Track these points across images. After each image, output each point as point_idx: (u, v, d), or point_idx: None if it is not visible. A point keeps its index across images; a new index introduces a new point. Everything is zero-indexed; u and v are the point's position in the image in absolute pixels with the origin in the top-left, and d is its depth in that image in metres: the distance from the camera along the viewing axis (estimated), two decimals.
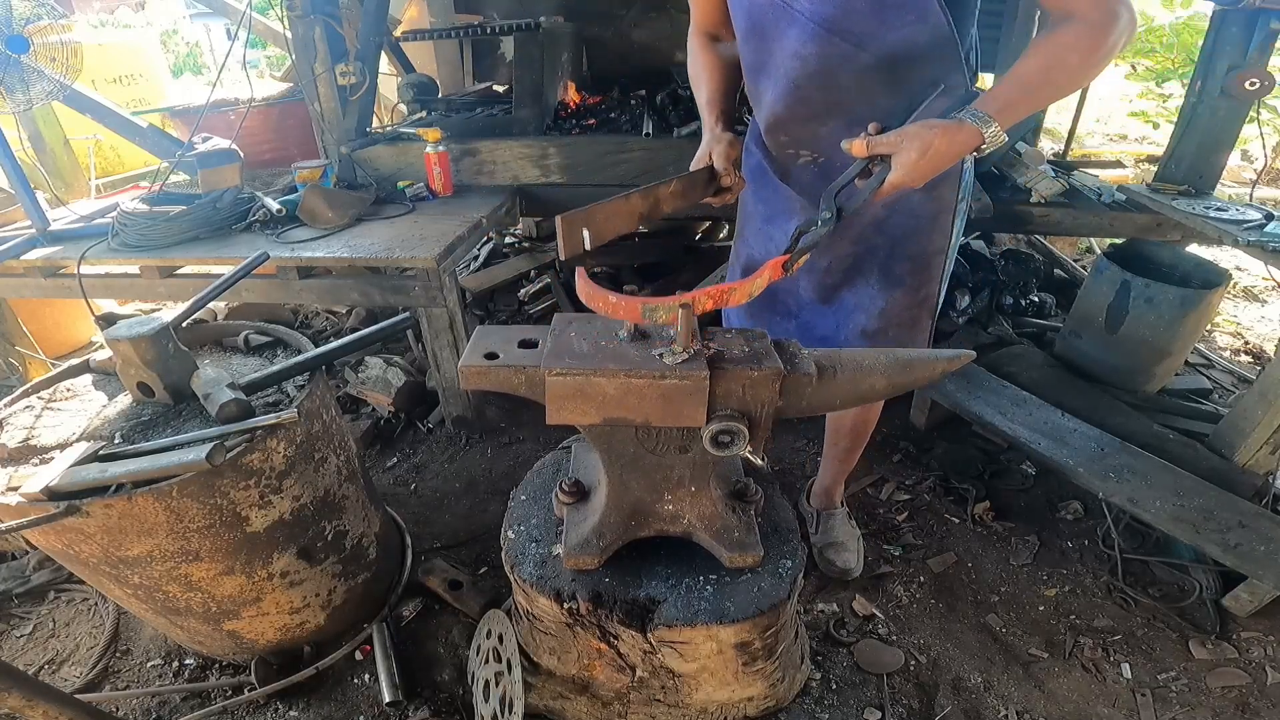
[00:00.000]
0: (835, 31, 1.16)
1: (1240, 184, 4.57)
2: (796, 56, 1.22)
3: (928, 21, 1.10)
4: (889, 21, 1.12)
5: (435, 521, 2.12)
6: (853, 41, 1.16)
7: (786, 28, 1.21)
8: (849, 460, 1.91)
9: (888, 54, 1.15)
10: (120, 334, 1.34)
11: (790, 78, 1.25)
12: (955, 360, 1.06)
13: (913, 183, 1.04)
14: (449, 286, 2.17)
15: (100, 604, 1.84)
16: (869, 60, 1.17)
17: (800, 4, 1.16)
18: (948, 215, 1.37)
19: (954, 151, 1.03)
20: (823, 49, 1.18)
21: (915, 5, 1.10)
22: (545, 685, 1.39)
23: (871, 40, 1.14)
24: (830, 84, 1.22)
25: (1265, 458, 1.95)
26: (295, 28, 2.63)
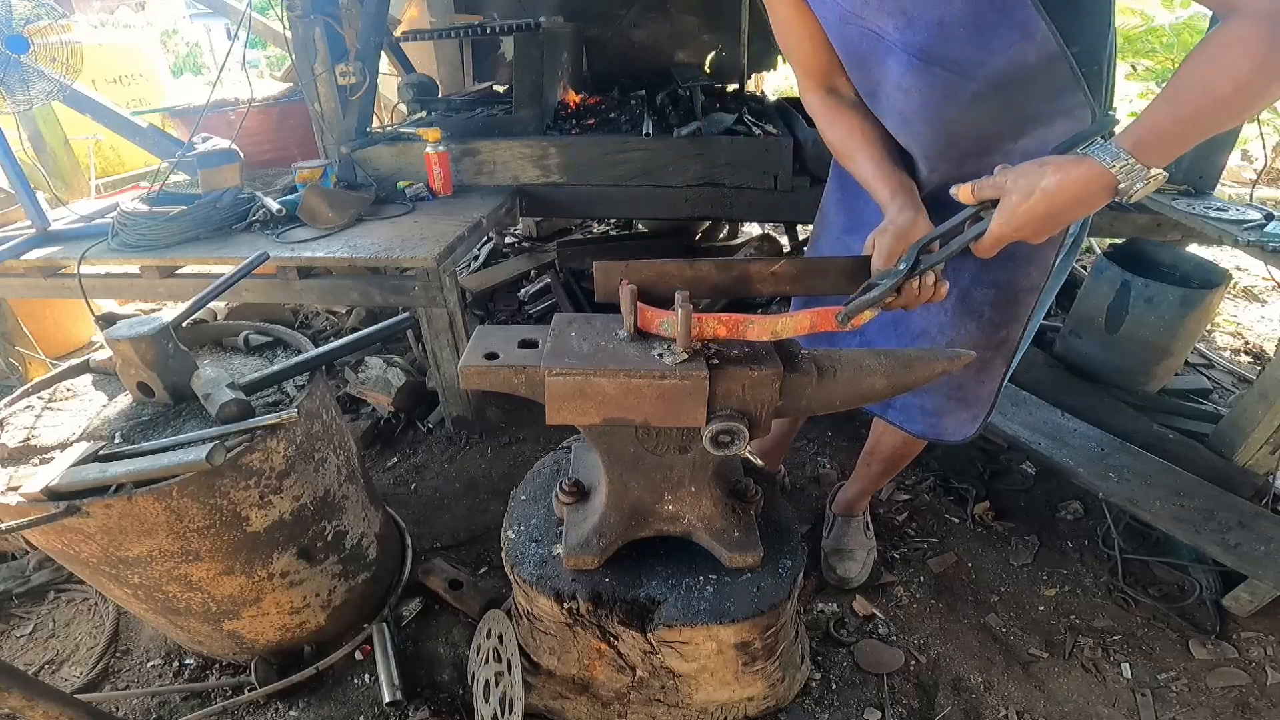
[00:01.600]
0: (933, 61, 1.02)
1: (1240, 184, 4.57)
2: (899, 89, 1.09)
3: (1033, 38, 0.94)
4: (990, 44, 0.97)
5: (435, 521, 2.12)
6: (954, 70, 1.01)
7: (885, 57, 1.08)
8: (879, 482, 1.88)
9: (994, 78, 1.00)
10: (120, 334, 1.34)
11: (898, 111, 1.13)
12: (955, 360, 1.06)
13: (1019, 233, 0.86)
14: (449, 286, 2.17)
15: (100, 604, 1.84)
16: (978, 89, 1.02)
17: (890, 33, 1.04)
18: (1051, 248, 1.15)
19: (1072, 193, 0.82)
20: (923, 81, 1.05)
21: (1019, 24, 0.94)
22: (545, 685, 1.39)
23: (975, 66, 1.00)
24: (939, 119, 1.08)
25: (1265, 458, 1.95)
26: (295, 28, 2.63)
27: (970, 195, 0.91)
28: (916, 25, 1.00)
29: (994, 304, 1.24)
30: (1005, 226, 0.86)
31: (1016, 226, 0.85)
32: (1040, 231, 0.86)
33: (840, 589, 1.82)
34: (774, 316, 0.98)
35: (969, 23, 0.96)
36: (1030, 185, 0.83)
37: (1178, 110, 0.81)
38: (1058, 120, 1.02)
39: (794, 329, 0.98)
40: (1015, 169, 0.86)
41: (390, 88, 4.18)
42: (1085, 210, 0.84)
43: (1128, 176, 0.79)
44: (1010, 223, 0.85)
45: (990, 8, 0.94)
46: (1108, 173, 0.80)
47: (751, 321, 0.97)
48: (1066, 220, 0.84)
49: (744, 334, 0.98)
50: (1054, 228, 0.86)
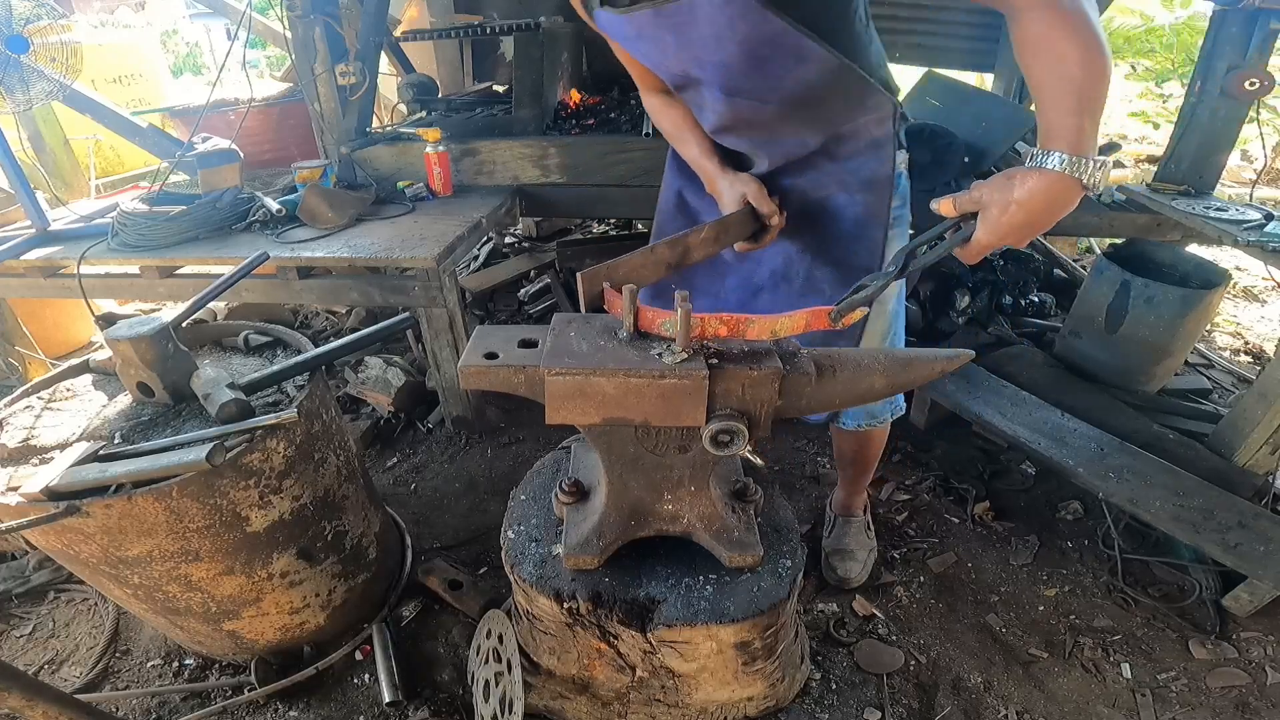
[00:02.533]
0: (734, 93, 1.18)
1: (1240, 184, 4.57)
2: (714, 111, 1.25)
3: (810, 62, 1.08)
4: (773, 74, 1.11)
5: (435, 521, 2.12)
6: (754, 98, 1.18)
7: (699, 89, 1.23)
8: (859, 483, 1.90)
9: (788, 99, 1.16)
10: (120, 334, 1.34)
11: (719, 125, 1.29)
12: (955, 360, 1.06)
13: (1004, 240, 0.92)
14: (449, 286, 2.17)
15: (100, 604, 1.84)
16: (777, 109, 1.18)
17: (694, 74, 1.19)
18: (878, 229, 1.29)
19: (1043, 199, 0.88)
20: (730, 106, 1.21)
21: (791, 52, 1.07)
22: (545, 685, 1.39)
23: (770, 94, 1.16)
24: (754, 128, 1.26)
25: (1265, 458, 1.95)
26: (295, 28, 2.63)
27: (951, 209, 0.97)
28: (708, 69, 1.15)
29: (831, 282, 1.35)
30: (991, 236, 0.91)
31: (1001, 235, 0.91)
32: (1023, 236, 0.92)
33: (841, 589, 1.82)
34: (774, 316, 0.99)
35: (747, 61, 1.10)
36: (1005, 199, 0.89)
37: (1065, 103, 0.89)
38: (868, 118, 1.19)
39: (791, 329, 1.00)
40: (987, 184, 0.93)
41: (390, 88, 4.18)
42: (1062, 210, 0.90)
43: (1081, 170, 0.86)
44: (995, 233, 0.91)
45: (763, 44, 1.07)
46: (1063, 175, 0.87)
47: (752, 321, 0.99)
48: (1047, 223, 0.91)
49: (744, 333, 0.99)
50: (1036, 231, 0.92)
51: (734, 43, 1.07)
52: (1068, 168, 0.86)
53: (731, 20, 1.04)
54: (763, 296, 1.45)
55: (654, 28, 1.13)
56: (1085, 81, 0.88)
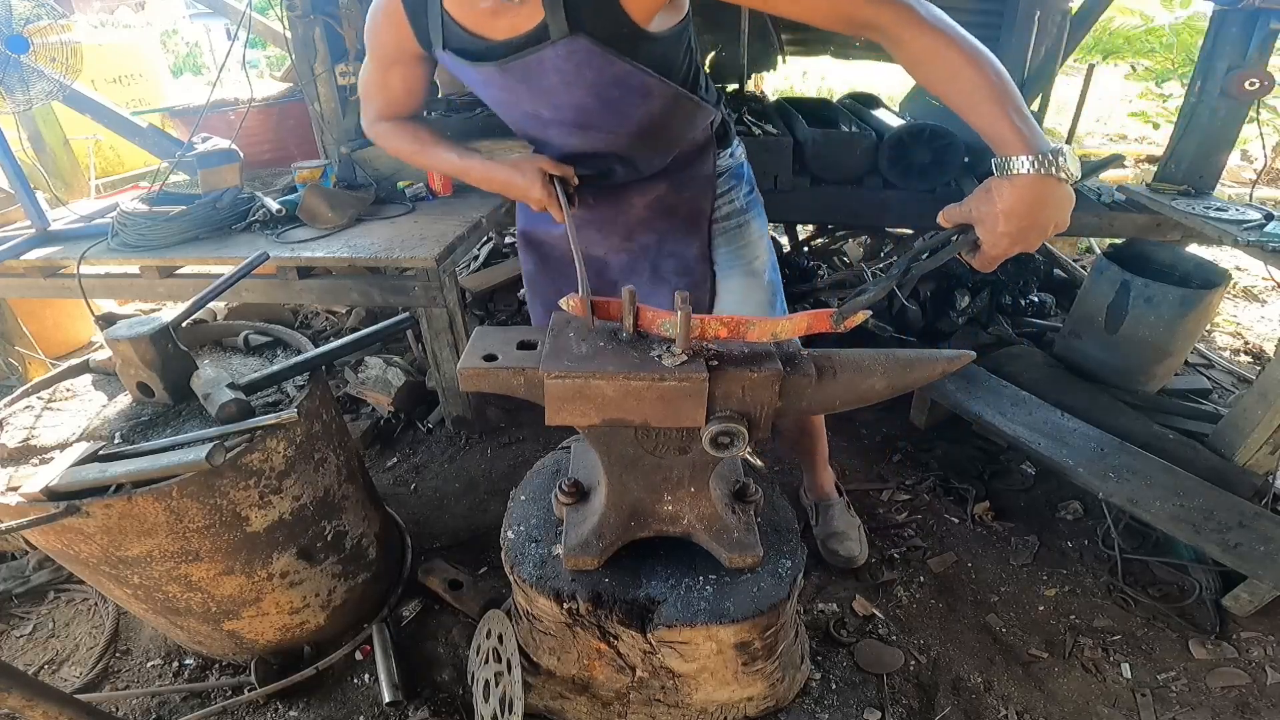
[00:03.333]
0: (586, 128, 1.25)
1: (1240, 184, 4.57)
2: (565, 145, 1.31)
3: (654, 96, 1.19)
4: (623, 111, 1.20)
5: (435, 521, 2.12)
6: (605, 130, 1.25)
7: (544, 129, 1.29)
8: (818, 460, 1.95)
9: (637, 131, 1.25)
10: (120, 334, 1.34)
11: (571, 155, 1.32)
12: (955, 360, 1.06)
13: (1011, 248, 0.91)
14: (449, 286, 2.17)
15: (100, 604, 1.84)
16: (627, 139, 1.27)
17: (545, 115, 1.24)
18: (702, 219, 1.42)
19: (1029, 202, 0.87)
20: (583, 139, 1.28)
21: (637, 89, 1.17)
22: (545, 685, 1.39)
23: (619, 126, 1.24)
24: (605, 151, 1.31)
25: (1265, 458, 1.95)
26: (295, 28, 2.63)
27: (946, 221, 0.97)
28: (562, 109, 1.21)
29: (676, 271, 1.45)
30: (995, 248, 0.91)
31: (1005, 245, 0.90)
32: (1030, 240, 0.91)
33: (842, 583, 1.83)
34: (774, 319, 0.99)
35: (598, 102, 1.18)
36: (993, 210, 0.89)
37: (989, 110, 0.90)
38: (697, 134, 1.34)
39: (792, 331, 1.00)
40: (973, 197, 0.92)
41: None
42: (1054, 208, 0.89)
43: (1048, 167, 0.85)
44: (998, 244, 0.90)
45: (611, 86, 1.15)
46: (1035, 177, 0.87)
47: (752, 323, 0.98)
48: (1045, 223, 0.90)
49: (745, 335, 0.99)
50: (1042, 233, 0.91)
51: (582, 88, 1.16)
52: (1034, 167, 0.86)
53: (579, 68, 1.12)
54: None
55: (502, 79, 1.19)
56: (988, 83, 0.90)
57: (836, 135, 2.74)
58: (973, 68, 0.91)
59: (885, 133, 2.66)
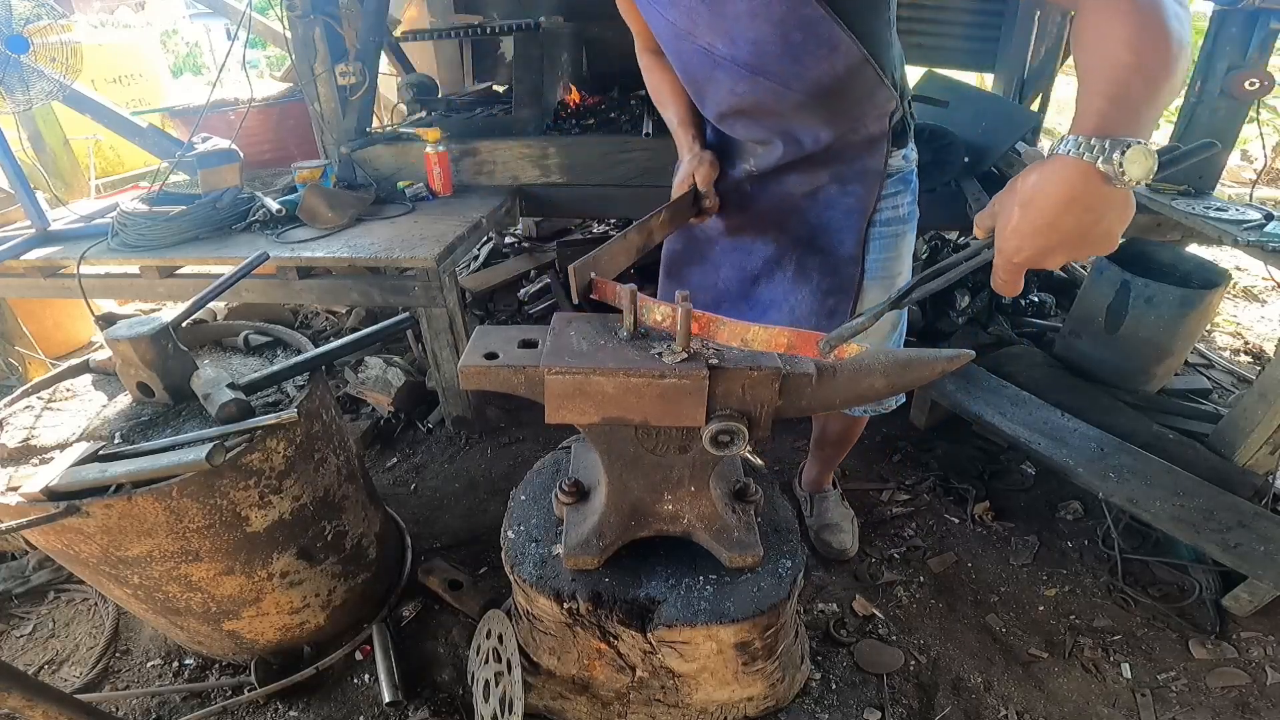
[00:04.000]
0: (759, 73, 1.16)
1: (1240, 184, 4.57)
2: (732, 93, 1.23)
3: (839, 50, 1.10)
4: (803, 60, 1.12)
5: (435, 521, 2.12)
6: (778, 81, 1.16)
7: (713, 70, 1.21)
8: (834, 461, 1.97)
9: (813, 88, 1.16)
10: (120, 334, 1.34)
11: (735, 108, 1.27)
12: (955, 360, 1.06)
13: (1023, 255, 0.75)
14: (449, 286, 2.17)
15: (100, 604, 1.84)
16: (798, 97, 1.18)
17: (720, 50, 1.17)
18: (860, 218, 1.33)
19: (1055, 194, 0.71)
20: (752, 87, 1.19)
21: (824, 40, 1.09)
22: (545, 685, 1.39)
23: (794, 79, 1.15)
24: (770, 112, 1.24)
25: (1265, 458, 1.95)
26: (295, 28, 2.63)
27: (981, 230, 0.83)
28: (739, 44, 1.13)
29: (820, 269, 1.38)
30: (1003, 254, 0.76)
31: (1015, 248, 0.74)
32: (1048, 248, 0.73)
33: (839, 561, 1.86)
34: (745, 324, 0.96)
35: (779, 43, 1.10)
36: (1010, 202, 0.74)
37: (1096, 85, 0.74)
38: (871, 114, 1.22)
39: (768, 343, 0.95)
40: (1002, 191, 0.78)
41: (390, 88, 4.18)
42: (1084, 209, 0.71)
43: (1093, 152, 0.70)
44: (1006, 247, 0.75)
45: (796, 28, 1.07)
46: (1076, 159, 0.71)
47: (723, 324, 0.96)
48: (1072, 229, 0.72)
49: (714, 335, 0.98)
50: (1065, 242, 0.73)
51: (768, 22, 1.08)
52: (1076, 149, 0.70)
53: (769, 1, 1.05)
54: (761, 284, 1.46)
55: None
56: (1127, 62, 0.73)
57: None
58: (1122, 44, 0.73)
59: None
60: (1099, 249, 0.74)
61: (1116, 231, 0.73)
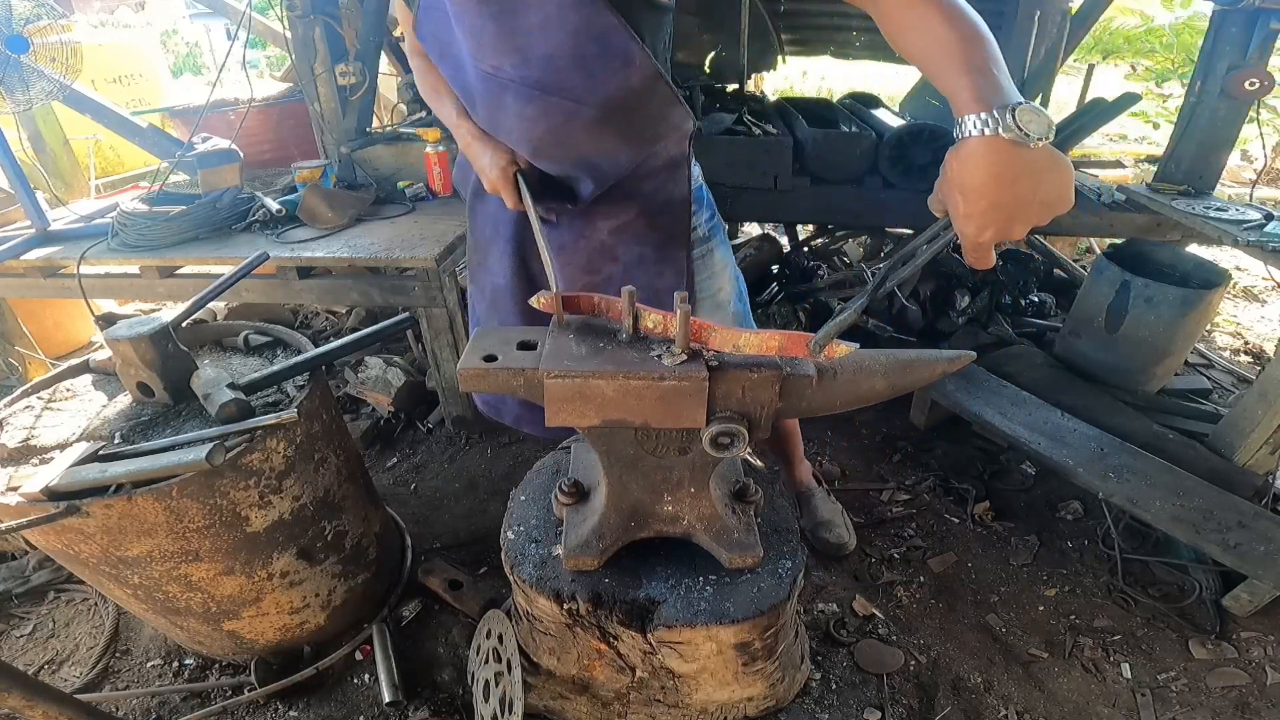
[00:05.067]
0: (550, 91, 1.12)
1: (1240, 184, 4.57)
2: (521, 118, 1.17)
3: (633, 64, 1.08)
4: (597, 75, 1.09)
5: (435, 521, 2.12)
6: (570, 98, 1.12)
7: (501, 94, 1.16)
8: (794, 449, 1.98)
9: (607, 104, 1.12)
10: (120, 334, 1.34)
11: (525, 139, 1.20)
12: (955, 361, 1.06)
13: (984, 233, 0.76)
14: (449, 286, 2.17)
15: (100, 604, 1.84)
16: (592, 114, 1.13)
17: (507, 70, 1.12)
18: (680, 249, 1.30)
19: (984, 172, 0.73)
20: (543, 109, 1.14)
21: (619, 52, 1.07)
22: (545, 685, 1.39)
23: (588, 94, 1.11)
24: (563, 140, 1.18)
25: (1265, 458, 1.95)
26: (295, 28, 2.63)
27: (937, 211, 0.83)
28: (531, 61, 1.09)
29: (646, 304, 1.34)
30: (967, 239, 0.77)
31: (976, 229, 0.76)
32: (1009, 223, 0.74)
33: (839, 558, 1.88)
34: (737, 330, 0.96)
35: (573, 56, 1.07)
36: (950, 188, 0.77)
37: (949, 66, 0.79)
38: (670, 135, 1.19)
39: (759, 347, 0.95)
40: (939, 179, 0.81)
41: (390, 88, 4.18)
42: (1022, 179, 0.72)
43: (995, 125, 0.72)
44: (965, 229, 0.76)
45: (590, 41, 1.05)
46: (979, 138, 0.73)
47: (714, 330, 0.96)
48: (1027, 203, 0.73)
49: (706, 341, 0.97)
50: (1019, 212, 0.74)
51: (563, 32, 1.05)
52: (978, 127, 0.72)
53: (562, 9, 1.02)
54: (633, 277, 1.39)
55: (478, 8, 1.07)
56: (959, 39, 0.79)
57: (836, 135, 2.74)
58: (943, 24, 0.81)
59: (885, 133, 2.66)
60: (1056, 209, 0.75)
61: (1063, 189, 0.74)
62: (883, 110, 3.34)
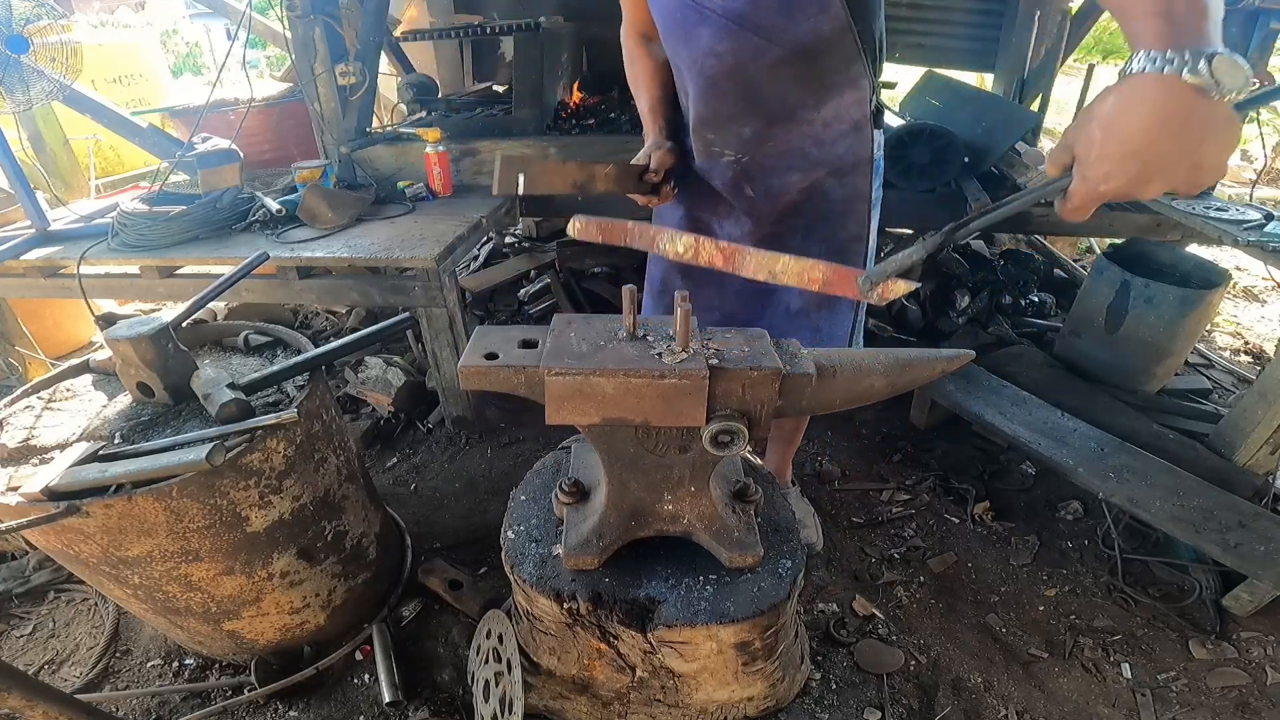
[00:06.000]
0: (746, 26, 1.19)
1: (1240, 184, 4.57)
2: (712, 54, 1.25)
3: (829, 12, 1.16)
4: (795, 14, 1.17)
5: (435, 521, 2.12)
6: (764, 35, 1.20)
7: (698, 26, 1.24)
8: (790, 452, 1.98)
9: (796, 46, 1.20)
10: (120, 334, 1.34)
11: (708, 75, 1.29)
12: (955, 360, 1.06)
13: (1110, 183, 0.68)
14: (449, 286, 2.17)
15: (100, 604, 1.84)
16: (779, 54, 1.21)
17: (712, 2, 1.20)
18: (863, 204, 1.40)
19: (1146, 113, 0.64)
20: (735, 45, 1.22)
21: None
22: (545, 685, 1.39)
23: (781, 33, 1.19)
24: (745, 79, 1.26)
25: (1265, 458, 1.95)
26: (295, 28, 2.63)
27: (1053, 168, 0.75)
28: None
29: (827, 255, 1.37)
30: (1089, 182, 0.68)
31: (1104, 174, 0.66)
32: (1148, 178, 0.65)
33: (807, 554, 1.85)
34: (774, 255, 0.95)
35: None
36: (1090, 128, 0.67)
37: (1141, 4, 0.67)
38: (846, 90, 1.26)
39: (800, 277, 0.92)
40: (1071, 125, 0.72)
41: (390, 88, 4.18)
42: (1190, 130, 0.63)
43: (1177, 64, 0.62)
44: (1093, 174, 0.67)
45: None
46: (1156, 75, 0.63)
47: (748, 254, 0.96)
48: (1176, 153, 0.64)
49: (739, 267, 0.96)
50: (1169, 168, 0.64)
51: None
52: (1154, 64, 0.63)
53: None
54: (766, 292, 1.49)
55: None
56: None
57: None
58: None
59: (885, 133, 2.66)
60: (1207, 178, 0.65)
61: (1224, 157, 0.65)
62: None
